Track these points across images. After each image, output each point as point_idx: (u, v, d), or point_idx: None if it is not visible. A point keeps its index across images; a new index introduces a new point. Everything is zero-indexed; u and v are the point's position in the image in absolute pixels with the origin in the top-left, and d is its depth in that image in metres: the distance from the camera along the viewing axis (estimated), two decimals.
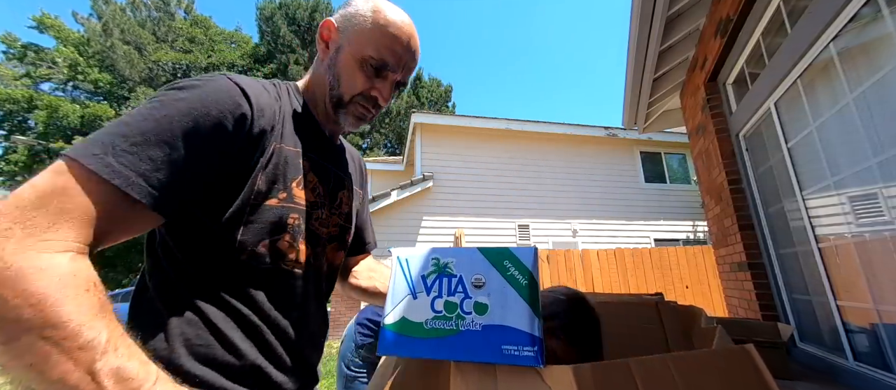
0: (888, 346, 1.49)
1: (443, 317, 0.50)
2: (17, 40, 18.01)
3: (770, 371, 0.99)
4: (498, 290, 0.50)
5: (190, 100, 0.53)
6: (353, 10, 0.70)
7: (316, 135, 0.74)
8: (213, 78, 0.58)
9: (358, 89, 0.70)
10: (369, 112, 0.74)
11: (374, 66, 0.69)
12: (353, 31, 0.69)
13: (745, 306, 2.44)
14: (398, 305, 0.53)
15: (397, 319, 0.52)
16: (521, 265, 0.51)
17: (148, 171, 0.48)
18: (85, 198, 0.44)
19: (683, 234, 8.82)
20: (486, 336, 0.48)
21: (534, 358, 0.45)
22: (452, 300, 0.51)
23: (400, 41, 0.69)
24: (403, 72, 0.72)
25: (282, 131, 0.65)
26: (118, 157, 0.46)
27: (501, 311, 0.49)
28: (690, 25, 2.74)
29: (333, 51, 0.71)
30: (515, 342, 0.46)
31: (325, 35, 0.72)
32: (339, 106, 0.72)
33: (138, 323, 0.56)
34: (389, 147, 23.86)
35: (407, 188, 7.57)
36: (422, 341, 0.50)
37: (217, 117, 0.54)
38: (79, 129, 15.80)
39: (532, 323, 0.47)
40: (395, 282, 0.56)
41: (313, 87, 0.75)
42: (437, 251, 0.56)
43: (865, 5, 1.40)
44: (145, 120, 0.50)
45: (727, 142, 2.55)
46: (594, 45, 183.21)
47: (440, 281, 0.53)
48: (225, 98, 0.56)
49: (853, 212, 1.64)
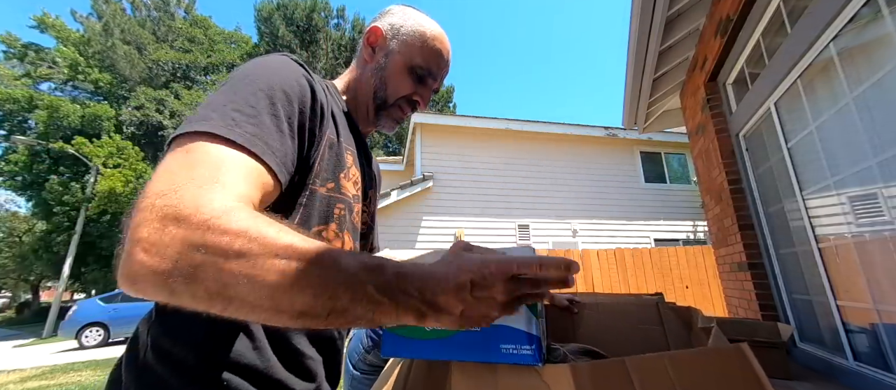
0: (888, 346, 1.49)
1: None
2: (17, 40, 18.00)
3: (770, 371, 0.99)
4: None
5: (281, 75, 0.54)
6: (401, 21, 0.77)
7: (354, 132, 0.76)
8: (285, 59, 0.59)
9: (403, 93, 0.76)
10: (405, 114, 0.80)
11: (419, 74, 0.76)
12: (401, 40, 0.76)
13: (745, 306, 2.44)
14: None
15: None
16: None
17: (274, 146, 0.48)
18: (235, 164, 0.43)
19: (683, 234, 8.81)
20: (485, 336, 0.48)
21: (532, 356, 0.46)
22: None
23: (442, 54, 0.78)
24: (440, 80, 0.81)
25: (334, 121, 0.66)
26: (243, 127, 0.46)
27: None
28: (690, 25, 2.74)
29: (382, 56, 0.76)
30: (514, 341, 0.47)
31: (372, 40, 0.77)
32: (382, 107, 0.77)
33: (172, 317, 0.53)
34: (390, 147, 23.87)
35: (407, 188, 7.57)
36: (423, 342, 0.51)
37: (301, 96, 0.56)
38: (79, 129, 15.79)
39: (530, 322, 0.48)
40: None
41: (355, 87, 0.79)
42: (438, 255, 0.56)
43: (865, 5, 1.40)
44: (250, 94, 0.50)
45: (727, 142, 2.55)
46: (594, 44, 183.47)
47: None
48: (302, 80, 0.58)
49: (853, 212, 1.64)
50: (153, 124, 17.43)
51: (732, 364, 0.42)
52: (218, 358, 0.50)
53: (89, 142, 15.22)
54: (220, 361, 0.50)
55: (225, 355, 0.51)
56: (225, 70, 20.90)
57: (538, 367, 0.45)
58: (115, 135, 16.47)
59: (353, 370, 1.75)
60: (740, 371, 0.41)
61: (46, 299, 28.23)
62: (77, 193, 14.60)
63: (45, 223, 15.96)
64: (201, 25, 22.15)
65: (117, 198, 14.34)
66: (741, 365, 0.41)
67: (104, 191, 14.13)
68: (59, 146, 14.50)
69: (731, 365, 0.41)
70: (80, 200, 14.44)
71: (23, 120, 16.65)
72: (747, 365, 0.41)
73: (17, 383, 5.32)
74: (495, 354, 0.47)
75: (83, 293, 21.97)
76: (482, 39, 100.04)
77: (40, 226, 17.04)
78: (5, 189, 16.55)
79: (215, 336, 0.51)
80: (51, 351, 8.85)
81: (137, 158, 16.13)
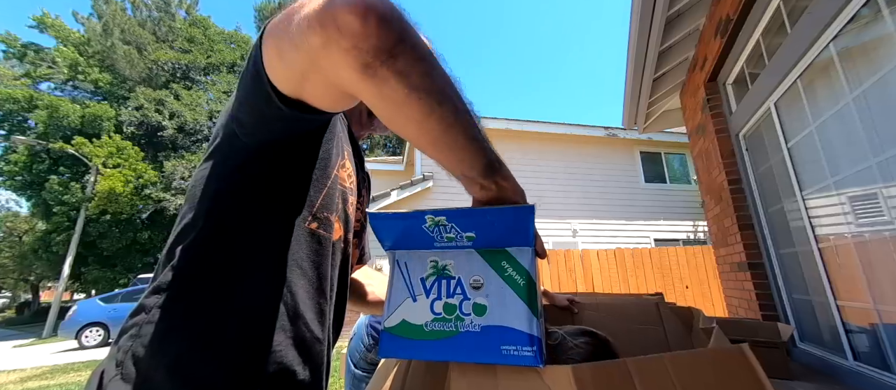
0: (888, 346, 1.49)
1: (442, 319, 0.50)
2: (17, 40, 17.98)
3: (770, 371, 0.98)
4: (496, 291, 0.50)
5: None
6: None
7: (348, 130, 0.74)
8: None
9: None
10: None
11: None
12: None
13: (745, 306, 2.44)
14: (398, 308, 0.53)
15: (398, 322, 0.52)
16: (519, 265, 0.51)
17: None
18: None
19: (683, 234, 8.81)
20: (486, 336, 0.48)
21: (533, 358, 0.45)
22: (451, 302, 0.51)
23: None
24: None
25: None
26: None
27: (500, 312, 0.49)
28: (690, 25, 2.74)
29: None
30: (514, 342, 0.46)
31: None
32: (373, 113, 0.76)
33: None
34: (390, 147, 23.87)
35: (407, 188, 7.57)
36: (422, 343, 0.50)
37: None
38: (79, 129, 15.78)
39: (531, 323, 0.47)
40: (394, 284, 0.55)
41: None
42: (434, 253, 0.55)
43: (865, 5, 1.40)
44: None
45: (727, 142, 2.55)
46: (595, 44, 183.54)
47: (439, 283, 0.53)
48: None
49: (853, 212, 1.64)
50: (153, 124, 17.40)
51: (733, 365, 0.42)
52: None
53: (89, 142, 15.21)
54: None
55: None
56: (225, 70, 20.87)
57: (539, 368, 0.45)
58: (114, 135, 16.46)
59: (355, 368, 1.74)
60: (741, 372, 0.41)
61: (46, 299, 28.21)
62: (77, 193, 14.59)
63: (45, 223, 15.95)
64: (201, 26, 22.12)
65: (117, 198, 14.33)
66: (742, 366, 0.41)
67: (104, 191, 14.12)
68: (59, 146, 14.49)
69: (732, 366, 0.41)
70: (79, 200, 14.44)
71: (23, 120, 16.64)
72: (748, 365, 0.41)
73: (16, 383, 5.32)
74: (495, 355, 0.46)
75: (83, 293, 21.93)
76: (481, 39, 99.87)
77: (40, 225, 17.03)
78: (5, 189, 16.55)
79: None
80: (51, 352, 8.84)
81: (137, 158, 16.12)
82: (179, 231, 0.55)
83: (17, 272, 21.48)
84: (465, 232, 0.52)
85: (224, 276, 0.52)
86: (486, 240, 0.52)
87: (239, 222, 0.54)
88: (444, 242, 0.54)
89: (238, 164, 0.55)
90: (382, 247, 0.58)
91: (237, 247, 0.53)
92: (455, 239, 0.53)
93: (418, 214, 0.51)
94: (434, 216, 0.51)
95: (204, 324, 0.49)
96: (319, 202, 0.59)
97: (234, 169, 0.55)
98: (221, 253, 0.52)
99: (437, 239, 0.54)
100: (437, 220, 0.51)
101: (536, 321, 0.47)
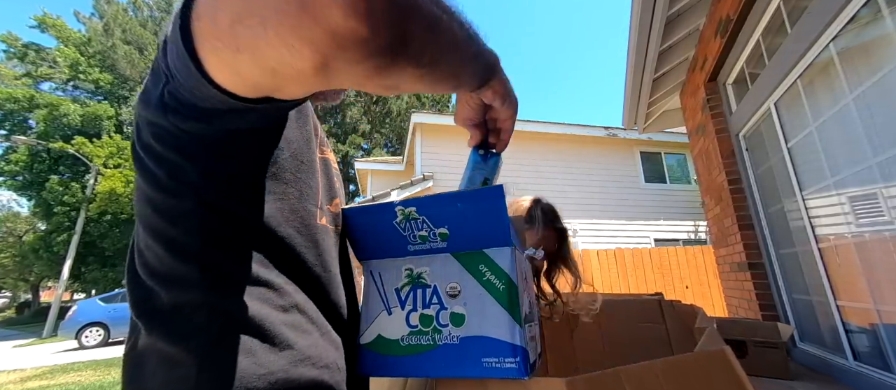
0: (888, 346, 1.49)
1: (419, 332, 0.47)
2: (17, 40, 18.00)
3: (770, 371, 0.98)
4: (474, 298, 0.46)
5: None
6: None
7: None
8: None
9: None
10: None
11: None
12: None
13: (746, 306, 2.44)
14: (373, 322, 0.50)
15: (373, 338, 0.49)
16: (498, 268, 0.46)
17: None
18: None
19: (683, 234, 8.81)
20: (465, 349, 0.44)
21: (516, 369, 0.42)
22: (428, 313, 0.47)
23: None
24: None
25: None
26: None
27: (479, 321, 0.45)
28: (690, 25, 2.74)
29: None
30: (496, 354, 0.43)
31: None
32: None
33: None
34: (390, 147, 23.87)
35: (407, 188, 7.57)
36: (399, 359, 0.47)
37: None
38: (79, 129, 15.79)
39: (513, 331, 0.43)
40: (369, 297, 0.51)
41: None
42: (409, 260, 0.51)
43: (865, 5, 1.40)
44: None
45: (727, 142, 2.55)
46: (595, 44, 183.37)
47: (414, 292, 0.49)
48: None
49: (853, 211, 1.64)
50: None
51: (715, 367, 0.42)
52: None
53: (90, 142, 15.23)
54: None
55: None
56: None
57: (525, 380, 0.42)
58: (115, 135, 16.48)
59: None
60: (723, 374, 0.41)
61: (46, 299, 28.21)
62: (77, 193, 14.61)
63: (45, 223, 15.96)
64: None
65: (117, 199, 14.34)
66: (724, 368, 0.42)
67: (104, 191, 14.13)
68: (59, 146, 14.51)
69: (715, 369, 0.42)
70: (80, 200, 14.45)
71: (23, 119, 16.66)
72: (729, 367, 0.41)
73: (17, 383, 5.32)
74: (477, 368, 0.43)
75: (83, 293, 21.94)
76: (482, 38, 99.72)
77: (41, 225, 17.04)
78: (6, 189, 16.56)
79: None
80: (51, 351, 8.85)
81: None
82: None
83: (17, 272, 21.48)
84: (437, 227, 0.47)
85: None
86: (460, 237, 0.48)
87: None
88: (418, 243, 0.49)
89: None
90: (357, 258, 0.54)
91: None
92: (428, 237, 0.48)
93: (388, 206, 0.48)
94: (404, 207, 0.47)
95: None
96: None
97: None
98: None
99: (411, 239, 0.49)
100: (408, 212, 0.47)
101: (519, 328, 0.43)
